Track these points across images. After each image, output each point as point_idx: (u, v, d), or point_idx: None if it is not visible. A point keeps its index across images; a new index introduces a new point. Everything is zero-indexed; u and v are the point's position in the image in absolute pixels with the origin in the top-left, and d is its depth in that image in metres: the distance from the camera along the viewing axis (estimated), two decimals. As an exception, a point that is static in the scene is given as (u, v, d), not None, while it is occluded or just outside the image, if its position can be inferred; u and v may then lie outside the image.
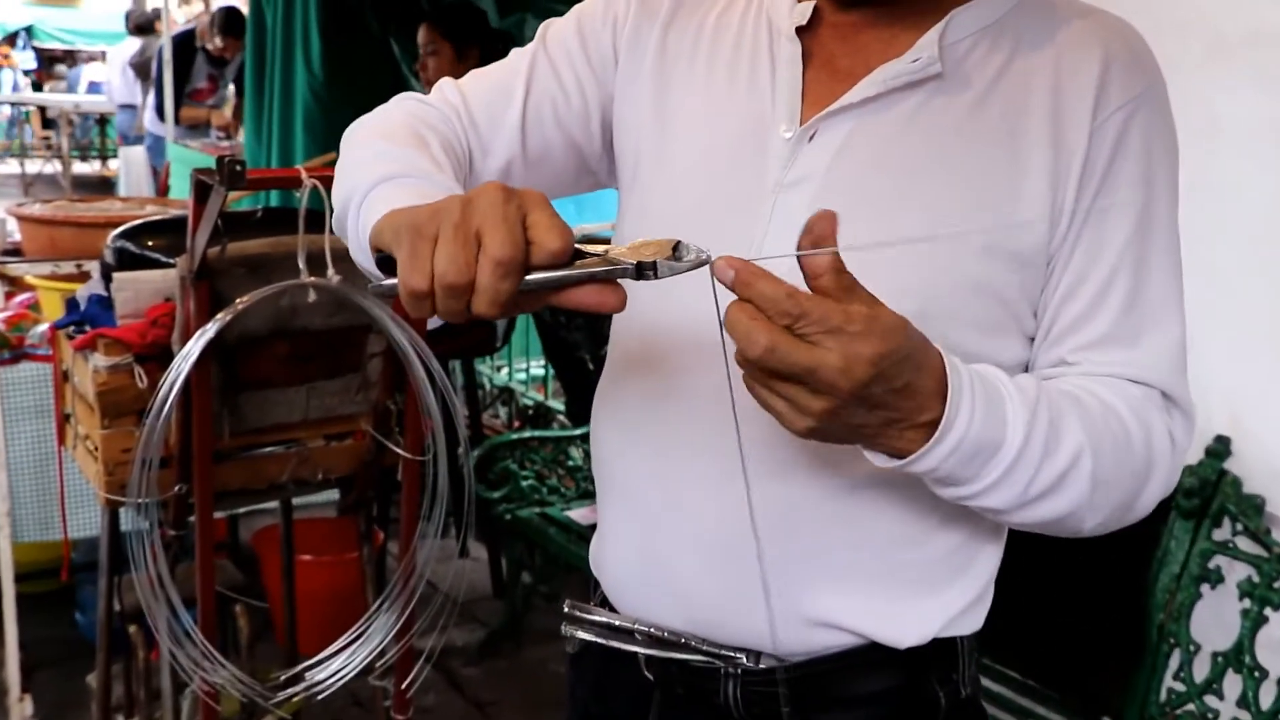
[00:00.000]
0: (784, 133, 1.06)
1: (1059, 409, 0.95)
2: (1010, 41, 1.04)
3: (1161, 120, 1.04)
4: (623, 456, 1.16)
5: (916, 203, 1.01)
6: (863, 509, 1.06)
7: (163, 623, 2.04)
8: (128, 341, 2.11)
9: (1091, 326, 1.02)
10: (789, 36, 1.09)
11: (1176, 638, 2.26)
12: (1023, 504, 0.95)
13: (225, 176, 1.79)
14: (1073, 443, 0.94)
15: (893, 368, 0.84)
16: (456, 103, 1.17)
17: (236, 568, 2.97)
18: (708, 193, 1.09)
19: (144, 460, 1.96)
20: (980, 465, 0.91)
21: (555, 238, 0.81)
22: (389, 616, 2.24)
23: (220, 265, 1.98)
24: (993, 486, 0.93)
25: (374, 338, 2.22)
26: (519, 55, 1.20)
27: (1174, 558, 2.29)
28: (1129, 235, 1.01)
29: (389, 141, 1.06)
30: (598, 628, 1.15)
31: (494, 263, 0.80)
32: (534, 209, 0.82)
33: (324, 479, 2.32)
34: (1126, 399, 1.00)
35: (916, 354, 0.86)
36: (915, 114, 1.03)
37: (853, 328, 0.82)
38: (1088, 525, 1.00)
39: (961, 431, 0.89)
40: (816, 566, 1.06)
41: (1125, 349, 1.02)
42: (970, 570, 1.11)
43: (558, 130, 1.18)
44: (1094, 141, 1.00)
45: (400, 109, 1.16)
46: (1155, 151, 1.02)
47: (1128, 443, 0.98)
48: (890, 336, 0.83)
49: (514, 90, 1.17)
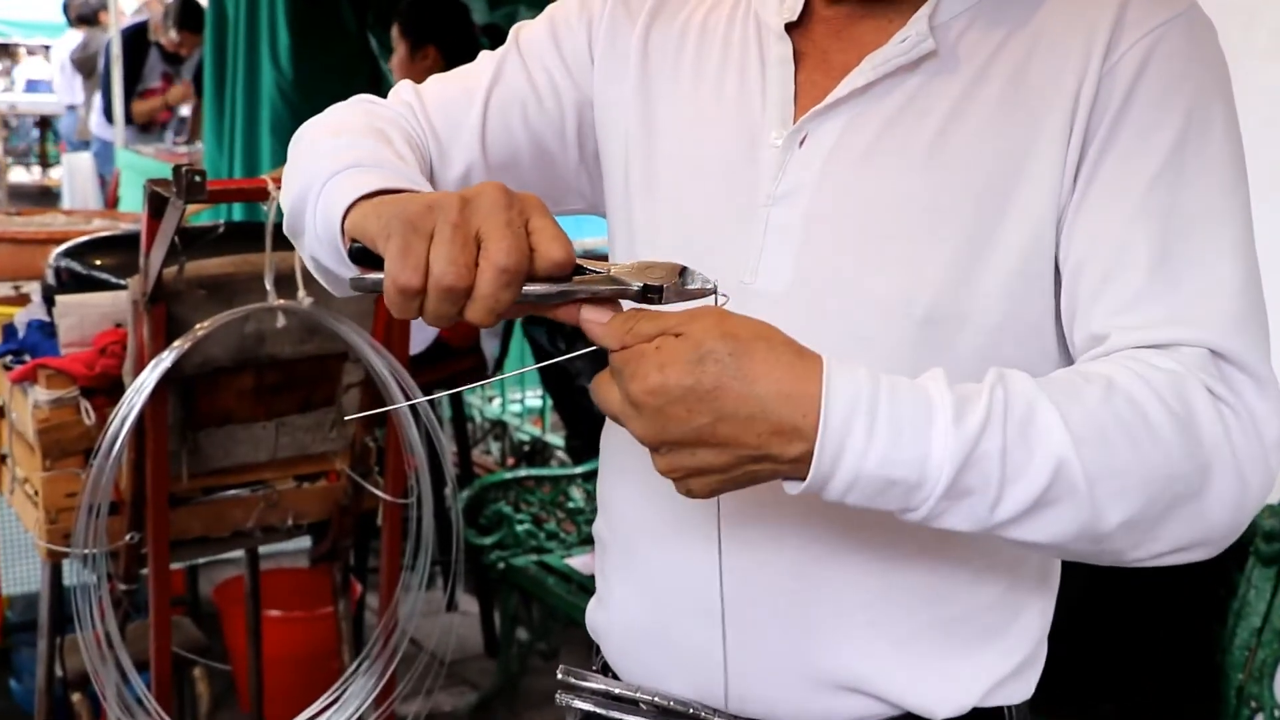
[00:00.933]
0: (774, 140, 1.08)
1: (1029, 410, 0.88)
2: (1014, 10, 1.04)
3: (1195, 54, 1.00)
4: (624, 516, 1.17)
5: (919, 200, 1.02)
6: (884, 564, 1.05)
7: (111, 689, 2.03)
8: (73, 373, 2.11)
9: (1117, 288, 0.97)
10: (778, 34, 1.10)
11: (1259, 701, 2.24)
12: (995, 526, 0.90)
13: (183, 188, 1.80)
14: (1054, 447, 0.88)
15: (676, 403, 0.86)
16: (413, 103, 1.19)
17: (195, 625, 2.96)
18: (699, 209, 1.10)
19: (91, 506, 1.96)
20: (903, 497, 0.88)
21: (559, 247, 0.86)
22: (368, 679, 2.24)
23: (178, 287, 1.98)
24: (937, 515, 0.89)
25: (350, 367, 2.22)
26: (486, 58, 1.22)
27: (1253, 609, 2.27)
28: (1151, 177, 0.97)
29: (349, 135, 1.08)
30: (597, 696, 1.15)
31: (497, 270, 0.84)
32: (535, 214, 0.87)
33: (294, 525, 2.31)
34: (1148, 378, 0.91)
35: (724, 386, 0.86)
36: (911, 99, 1.04)
37: (617, 365, 0.88)
38: (1114, 539, 0.91)
39: (852, 466, 0.86)
40: (838, 628, 1.06)
41: (1162, 304, 0.96)
42: (1013, 628, 1.10)
43: (526, 133, 1.19)
44: (1104, 84, 0.99)
45: (354, 108, 1.17)
46: (1188, 82, 0.99)
47: (1147, 430, 0.90)
48: (669, 369, 0.86)
49: (475, 92, 1.19)
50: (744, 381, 0.86)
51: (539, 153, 1.20)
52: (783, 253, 1.05)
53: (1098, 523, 0.90)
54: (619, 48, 1.18)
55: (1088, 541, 0.91)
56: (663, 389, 0.86)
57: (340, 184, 0.99)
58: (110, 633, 2.02)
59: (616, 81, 1.18)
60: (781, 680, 1.07)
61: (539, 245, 0.86)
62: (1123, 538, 0.92)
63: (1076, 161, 1.00)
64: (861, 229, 1.03)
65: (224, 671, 2.98)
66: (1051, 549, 0.94)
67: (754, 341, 0.88)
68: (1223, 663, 2.28)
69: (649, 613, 1.14)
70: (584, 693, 1.15)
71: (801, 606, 1.06)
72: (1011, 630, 1.10)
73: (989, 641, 1.09)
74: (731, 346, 0.87)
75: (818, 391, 0.87)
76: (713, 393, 0.86)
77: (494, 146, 1.18)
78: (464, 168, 1.18)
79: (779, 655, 1.07)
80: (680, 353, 0.86)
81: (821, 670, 1.07)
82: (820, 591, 1.06)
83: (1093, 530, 0.90)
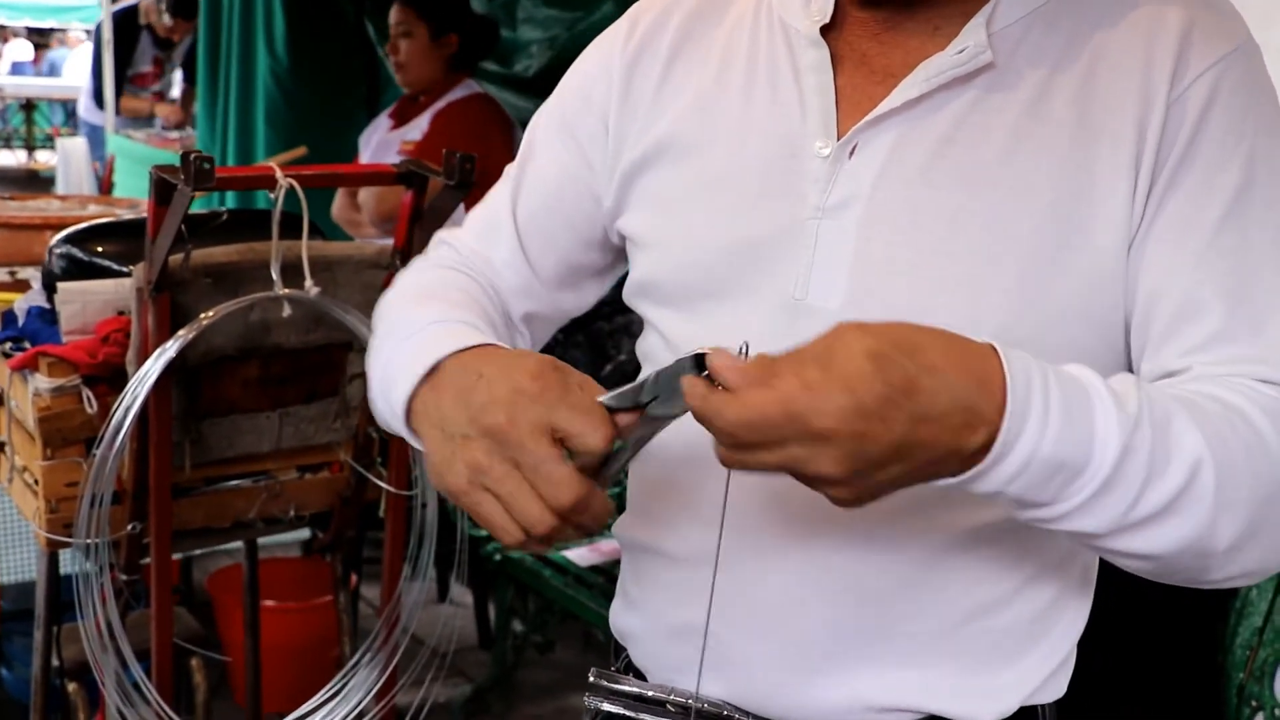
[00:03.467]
0: (820, 150, 1.04)
1: (1168, 414, 0.88)
2: (1069, 21, 1.02)
3: (1255, 87, 1.00)
4: (655, 519, 1.15)
5: (978, 219, 0.99)
6: (934, 577, 1.04)
7: (111, 679, 2.01)
8: (74, 361, 2.08)
9: (1194, 327, 0.97)
10: (811, 39, 1.07)
11: (1260, 700, 2.24)
12: (1122, 528, 0.88)
13: (191, 175, 1.77)
14: (1189, 454, 0.87)
15: (873, 418, 0.81)
16: (464, 251, 1.24)
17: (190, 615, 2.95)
18: (738, 229, 1.07)
19: (93, 496, 1.94)
20: (1061, 486, 0.86)
21: (595, 440, 0.90)
22: (369, 672, 2.22)
23: (183, 275, 1.96)
24: (1080, 510, 0.87)
25: (354, 357, 2.20)
26: (506, 177, 1.26)
27: (1255, 609, 2.27)
28: (1221, 216, 0.97)
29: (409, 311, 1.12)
30: (626, 699, 1.13)
31: (565, 510, 0.90)
32: (558, 415, 0.91)
33: (296, 516, 2.30)
34: (1255, 400, 0.92)
35: (915, 382, 0.82)
36: (968, 114, 1.01)
37: (796, 409, 0.81)
38: (1220, 555, 0.90)
39: (1029, 449, 0.84)
40: (882, 641, 1.05)
41: (1243, 345, 0.96)
42: (1054, 633, 1.09)
43: (568, 234, 1.22)
44: (1172, 115, 0.97)
45: (417, 281, 1.22)
46: (1250, 118, 0.98)
47: (1262, 450, 0.90)
48: (853, 390, 0.81)
49: (503, 222, 1.24)
50: (931, 373, 0.82)
51: (588, 242, 1.23)
52: (836, 268, 1.02)
53: (1213, 533, 0.89)
54: (635, 88, 1.16)
55: (1194, 554, 0.90)
56: (859, 409, 0.80)
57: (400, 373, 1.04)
58: (112, 622, 2.00)
59: (634, 116, 1.15)
60: (822, 690, 1.06)
61: (574, 446, 0.90)
62: (1226, 550, 0.90)
63: (1148, 191, 0.98)
64: (919, 247, 1.00)
65: (218, 662, 2.96)
66: (1156, 560, 0.91)
67: (909, 331, 0.84)
68: (1224, 662, 2.27)
69: (681, 616, 1.12)
70: (616, 695, 1.13)
71: (846, 618, 1.05)
72: (1053, 633, 1.09)
73: (1033, 647, 1.08)
74: (893, 339, 0.83)
75: (998, 368, 0.84)
76: (907, 393, 0.81)
77: (542, 263, 1.23)
78: (526, 301, 1.24)
79: (821, 664, 1.06)
80: (852, 365, 0.81)
81: (863, 680, 1.06)
82: (865, 603, 1.04)
83: (1206, 541, 0.89)
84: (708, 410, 0.83)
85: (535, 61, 4.02)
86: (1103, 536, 0.89)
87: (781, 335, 1.01)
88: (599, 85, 1.18)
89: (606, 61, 1.18)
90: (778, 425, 0.81)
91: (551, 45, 3.97)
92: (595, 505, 0.91)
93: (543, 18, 4.03)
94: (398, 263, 2.14)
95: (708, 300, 1.08)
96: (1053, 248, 0.98)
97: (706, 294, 1.08)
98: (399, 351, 1.05)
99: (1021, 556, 1.04)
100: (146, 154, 5.81)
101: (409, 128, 3.71)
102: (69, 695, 2.44)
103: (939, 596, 1.05)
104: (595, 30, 1.25)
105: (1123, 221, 0.98)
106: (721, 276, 1.07)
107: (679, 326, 1.11)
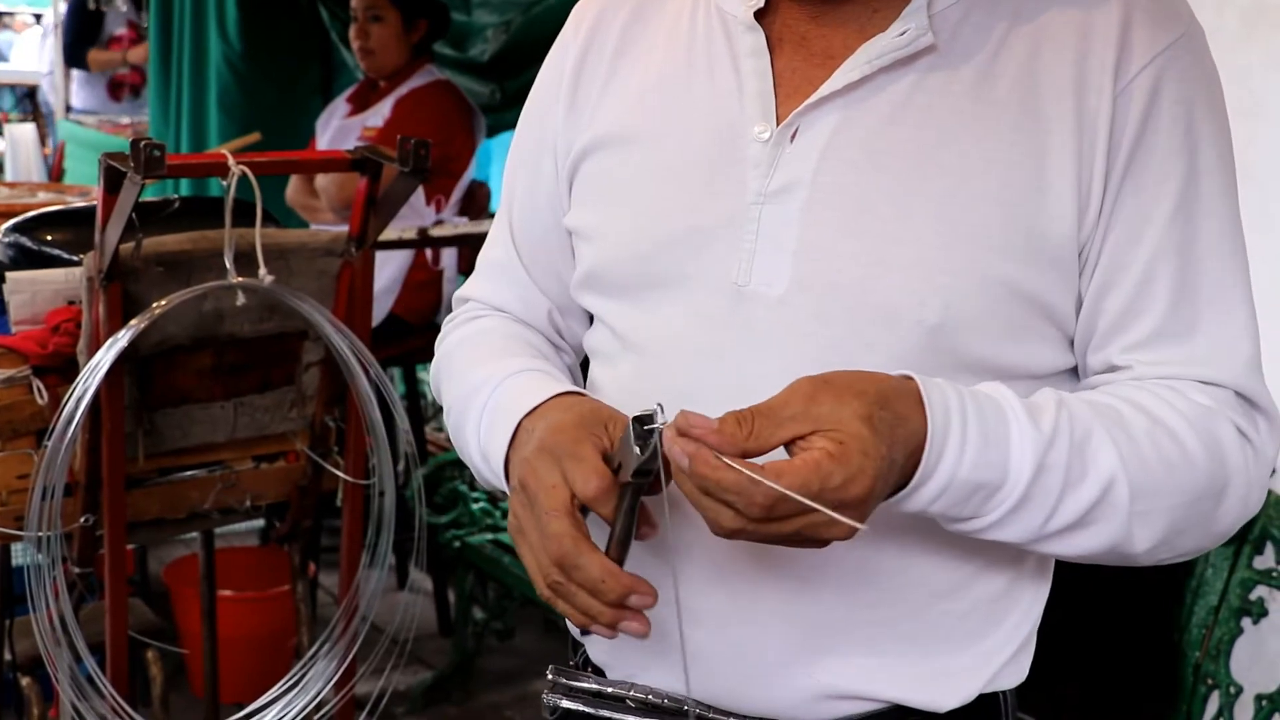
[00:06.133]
0: (760, 134, 1.03)
1: (1087, 431, 0.93)
2: (1010, 2, 1.01)
3: (1200, 75, 1.00)
4: None
5: (924, 202, 0.99)
6: (891, 563, 1.04)
7: (64, 673, 1.98)
8: (24, 351, 2.06)
9: (1138, 323, 0.99)
10: (747, 24, 1.06)
11: (1215, 679, 2.26)
12: (1041, 538, 0.95)
13: (141, 163, 1.74)
14: (1104, 471, 0.93)
15: (882, 478, 0.87)
16: (492, 300, 1.26)
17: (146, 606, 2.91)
18: (680, 217, 1.06)
19: (45, 488, 1.91)
20: (980, 503, 0.92)
21: (586, 489, 0.94)
22: (328, 662, 2.20)
23: (134, 264, 1.93)
24: (999, 524, 0.93)
25: (310, 345, 2.18)
26: (500, 208, 1.27)
27: (1211, 588, 2.29)
28: (1170, 213, 0.98)
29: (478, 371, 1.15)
30: (585, 696, 1.12)
31: (556, 564, 0.95)
32: (565, 468, 0.96)
33: (253, 506, 2.27)
34: (1184, 411, 0.97)
35: (895, 437, 0.88)
36: (910, 96, 1.00)
37: (833, 483, 0.85)
38: (1140, 555, 0.98)
39: (948, 474, 0.90)
40: (842, 630, 1.05)
41: (1180, 344, 0.99)
42: (1015, 613, 1.10)
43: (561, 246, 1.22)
44: (1119, 107, 0.97)
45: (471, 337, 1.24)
46: (1196, 112, 0.99)
47: (1185, 464, 0.96)
48: (868, 454, 0.85)
49: (511, 261, 1.25)
50: (902, 421, 0.88)
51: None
52: (779, 253, 1.01)
53: (1130, 540, 0.96)
54: (584, 84, 1.16)
55: (1116, 557, 0.97)
56: (877, 473, 0.86)
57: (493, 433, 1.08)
58: (65, 616, 1.97)
59: (579, 132, 1.15)
60: (784, 681, 1.06)
61: (577, 494, 0.95)
62: (1145, 552, 0.97)
63: (1103, 184, 0.98)
64: (865, 230, 1.00)
65: (175, 653, 2.92)
66: (1079, 559, 0.98)
67: (871, 384, 0.89)
68: (1180, 641, 2.29)
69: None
70: (575, 692, 1.12)
71: (806, 607, 1.04)
72: (1012, 615, 1.09)
73: (992, 630, 1.08)
74: (875, 396, 0.88)
75: (919, 397, 0.90)
76: (894, 445, 0.87)
77: (556, 293, 1.23)
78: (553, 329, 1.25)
79: (782, 656, 1.05)
80: (857, 430, 0.86)
81: (826, 670, 1.05)
82: (824, 592, 1.04)
83: (1124, 547, 0.96)
84: (732, 489, 0.85)
85: (490, 46, 3.98)
86: (1025, 544, 0.96)
87: (725, 322, 1.01)
88: (551, 99, 1.18)
89: (558, 68, 1.18)
90: (810, 498, 0.85)
91: (506, 30, 3.93)
92: (585, 565, 0.93)
93: (497, 2, 3.99)
94: (353, 249, 2.12)
95: (653, 290, 1.08)
96: (1000, 231, 0.98)
97: (651, 284, 1.08)
98: (486, 414, 1.10)
99: (974, 545, 1.03)
100: (99, 140, 5.73)
101: (370, 114, 3.66)
102: (23, 689, 2.40)
103: (898, 582, 1.05)
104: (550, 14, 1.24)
105: (1070, 208, 0.98)
106: (664, 265, 1.07)
107: (625, 317, 1.11)
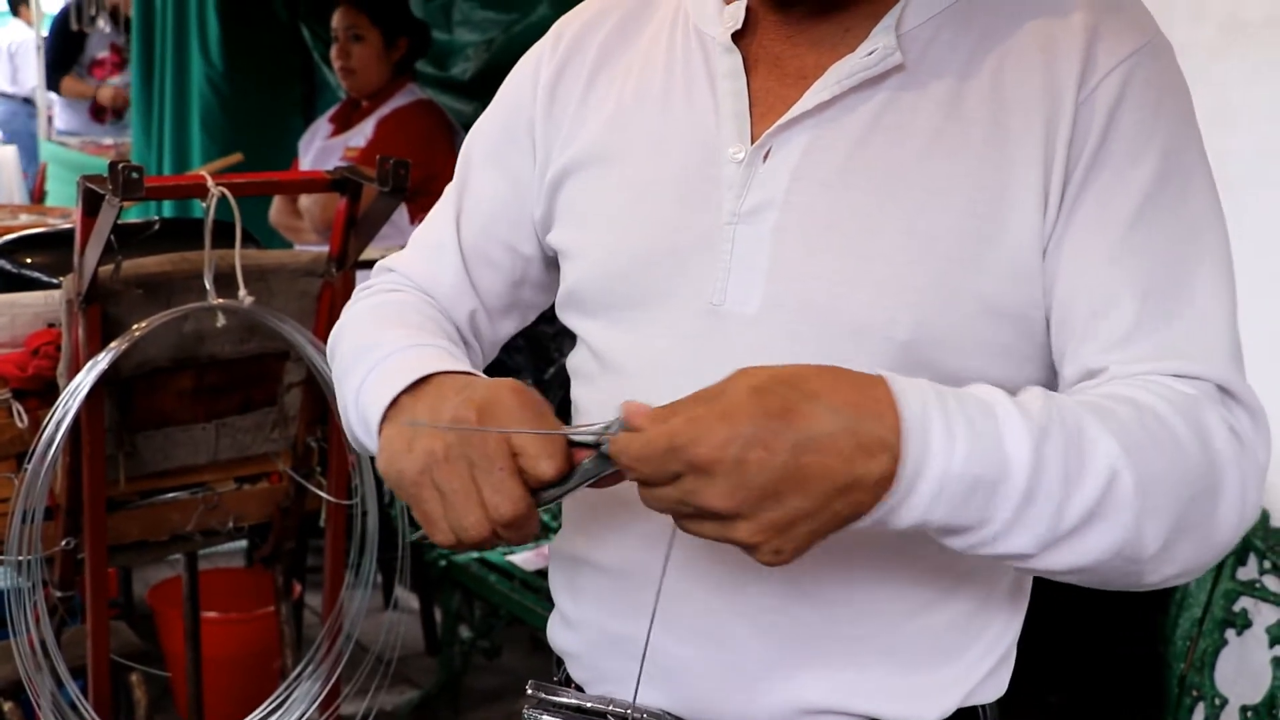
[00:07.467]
0: (735, 155, 1.04)
1: (1079, 421, 0.87)
2: (980, 20, 1.01)
3: (1164, 82, 1.00)
4: (592, 534, 1.14)
5: (895, 220, 0.99)
6: (865, 579, 1.04)
7: (46, 698, 1.98)
8: (4, 374, 2.06)
9: (1109, 324, 0.97)
10: (725, 46, 1.07)
11: (1200, 690, 2.26)
12: (1052, 543, 0.87)
13: (120, 185, 1.74)
14: (1104, 458, 0.86)
15: (753, 445, 0.82)
16: (413, 275, 1.23)
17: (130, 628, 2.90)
18: (658, 236, 1.07)
19: (25, 512, 1.90)
20: (984, 504, 0.85)
21: (547, 466, 0.91)
22: (313, 683, 2.19)
23: (114, 286, 1.92)
24: (1010, 527, 0.86)
25: (292, 366, 2.18)
26: (445, 199, 1.25)
27: (1195, 600, 2.29)
28: (1134, 212, 0.97)
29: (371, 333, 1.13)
30: (565, 711, 1.12)
31: (503, 524, 0.92)
32: (522, 435, 0.92)
33: (235, 527, 2.27)
34: (1170, 399, 0.92)
35: (793, 408, 0.82)
36: (880, 115, 1.01)
37: (680, 441, 0.83)
38: (1148, 560, 0.89)
39: (940, 469, 0.83)
40: (821, 644, 1.05)
41: (1157, 339, 0.96)
42: (994, 626, 1.09)
43: (506, 255, 1.21)
44: (1081, 114, 0.97)
45: (366, 304, 1.21)
46: (1161, 114, 0.98)
47: (1176, 447, 0.89)
48: (728, 418, 0.82)
49: (447, 245, 1.22)
50: (811, 399, 0.83)
51: (528, 260, 1.22)
52: (752, 273, 1.02)
53: (1140, 538, 0.88)
54: (559, 101, 1.15)
55: (1124, 560, 0.89)
56: (735, 437, 0.81)
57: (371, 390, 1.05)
58: (46, 640, 1.96)
59: (557, 149, 1.15)
60: (762, 695, 1.05)
61: (527, 468, 0.91)
62: (1153, 555, 0.90)
63: (1060, 193, 0.98)
64: (835, 249, 1.00)
65: (159, 676, 2.91)
66: (1088, 572, 0.90)
67: (798, 368, 0.86)
68: (1165, 653, 2.29)
69: (621, 628, 1.11)
70: (555, 707, 1.12)
71: (784, 621, 1.04)
72: (990, 629, 1.09)
73: (970, 644, 1.08)
74: (777, 375, 0.85)
75: (887, 393, 0.84)
76: (785, 417, 0.82)
77: (487, 290, 1.22)
78: (470, 324, 1.23)
79: (760, 670, 1.05)
80: (734, 398, 0.83)
81: (804, 684, 1.05)
82: (802, 606, 1.04)
83: (1133, 547, 0.89)
84: (615, 449, 0.87)
85: (471, 65, 3.99)
86: (1035, 556, 0.88)
87: (701, 342, 1.02)
88: (525, 103, 1.18)
89: (533, 77, 1.18)
90: (664, 457, 0.84)
91: (488, 48, 3.94)
92: (529, 526, 0.93)
93: (479, 20, 4.00)
94: (334, 270, 2.11)
95: (632, 309, 1.08)
96: (970, 247, 0.98)
97: (629, 303, 1.08)
98: (380, 369, 1.05)
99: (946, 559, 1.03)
100: (81, 161, 5.72)
101: (352, 134, 3.66)
102: (4, 715, 2.39)
103: (876, 596, 1.04)
104: (531, 32, 1.25)
105: (1035, 220, 0.98)
106: (643, 285, 1.07)
107: (605, 337, 1.11)
